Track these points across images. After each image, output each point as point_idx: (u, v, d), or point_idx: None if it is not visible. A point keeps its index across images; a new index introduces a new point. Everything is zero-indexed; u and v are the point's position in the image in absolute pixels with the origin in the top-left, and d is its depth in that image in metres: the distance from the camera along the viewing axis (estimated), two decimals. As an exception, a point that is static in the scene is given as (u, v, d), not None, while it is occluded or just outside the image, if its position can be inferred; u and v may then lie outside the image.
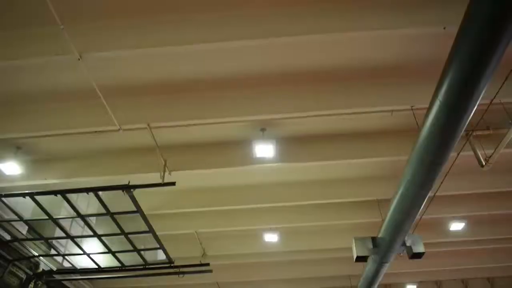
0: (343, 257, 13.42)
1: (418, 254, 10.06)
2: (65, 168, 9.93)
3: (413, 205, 8.00)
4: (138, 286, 16.42)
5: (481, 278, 17.71)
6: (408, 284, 17.68)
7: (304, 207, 11.95)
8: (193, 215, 12.06)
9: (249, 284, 16.94)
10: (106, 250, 10.95)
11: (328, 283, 16.67)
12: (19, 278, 12.09)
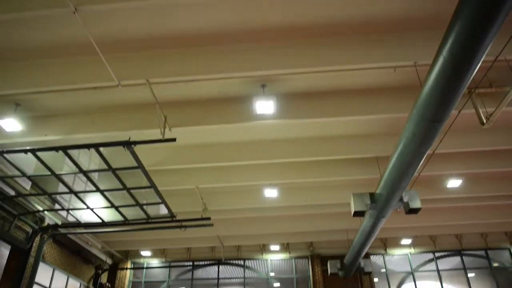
0: (341, 212, 13.74)
1: (415, 209, 10.28)
2: (65, 124, 9.92)
3: (411, 162, 8.07)
4: (141, 240, 16.95)
5: (475, 233, 18.21)
6: (404, 239, 18.19)
7: (303, 163, 12.07)
8: (193, 171, 12.21)
9: (249, 237, 17.47)
10: (109, 205, 11.17)
11: (325, 236, 17.17)
12: (25, 232, 12.44)
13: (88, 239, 15.92)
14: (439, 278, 18.25)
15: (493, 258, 18.68)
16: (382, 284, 18.44)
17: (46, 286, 13.98)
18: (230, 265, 19.03)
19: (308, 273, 18.33)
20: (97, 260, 17.45)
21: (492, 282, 18.17)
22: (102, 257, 17.63)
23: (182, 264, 19.10)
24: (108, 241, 17.11)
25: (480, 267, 18.60)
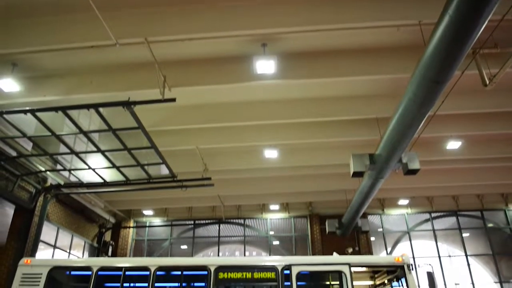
0: (340, 172, 13.87)
1: (413, 170, 10.40)
2: (63, 84, 9.83)
3: (412, 123, 8.08)
4: (143, 199, 17.23)
5: (471, 194, 18.49)
6: (401, 199, 18.51)
7: (303, 124, 12.06)
8: (194, 131, 12.22)
9: (249, 197, 17.76)
10: (110, 165, 11.26)
11: (324, 196, 17.46)
12: (28, 192, 12.62)
13: (91, 199, 16.18)
14: (434, 237, 18.72)
15: (488, 219, 19.09)
16: (378, 243, 18.95)
17: (52, 244, 14.35)
18: (230, 224, 19.48)
19: (306, 232, 18.81)
20: (100, 219, 17.82)
21: (486, 242, 18.66)
22: (105, 216, 18.00)
23: (183, 223, 19.54)
24: (111, 200, 17.40)
25: (475, 227, 19.05)
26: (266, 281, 7.57)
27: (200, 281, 8.03)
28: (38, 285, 7.74)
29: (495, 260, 18.22)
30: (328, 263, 7.52)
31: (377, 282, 9.37)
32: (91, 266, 7.91)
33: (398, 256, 7.43)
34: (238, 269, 7.66)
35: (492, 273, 18.67)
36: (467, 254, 18.32)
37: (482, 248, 18.88)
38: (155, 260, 10.85)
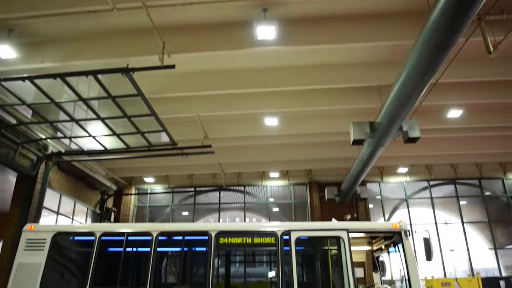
0: (340, 140, 13.89)
1: (413, 138, 10.40)
2: (61, 51, 9.69)
3: (414, 91, 8.01)
4: (144, 166, 17.35)
5: (470, 163, 18.59)
6: (400, 167, 18.63)
7: (304, 92, 11.98)
8: (194, 98, 12.15)
9: (249, 165, 17.87)
10: (110, 133, 11.26)
11: (324, 164, 17.58)
12: (30, 160, 12.69)
13: (92, 166, 16.29)
14: (431, 205, 18.98)
15: (486, 187, 19.29)
16: (376, 210, 19.24)
17: (55, 210, 14.58)
18: (231, 191, 19.71)
19: (306, 199, 19.06)
20: (102, 186, 18.01)
21: (483, 209, 18.94)
22: (107, 184, 18.18)
23: (184, 190, 19.77)
24: (112, 168, 17.53)
25: (473, 196, 19.28)
26: (266, 246, 7.72)
27: (201, 246, 8.20)
28: (42, 250, 7.89)
29: (491, 227, 18.56)
30: (326, 229, 7.65)
31: (374, 247, 9.56)
32: (94, 232, 8.04)
33: (396, 223, 7.55)
34: (238, 234, 7.79)
35: (487, 240, 19.06)
36: (464, 222, 18.64)
37: (478, 215, 19.19)
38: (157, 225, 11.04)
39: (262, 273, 9.98)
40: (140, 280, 7.98)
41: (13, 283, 7.68)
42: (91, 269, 7.62)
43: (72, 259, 8.67)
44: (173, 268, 9.65)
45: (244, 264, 9.54)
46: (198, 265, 8.73)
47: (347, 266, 7.03)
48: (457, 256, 18.57)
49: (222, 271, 8.89)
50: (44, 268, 7.72)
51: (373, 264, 9.95)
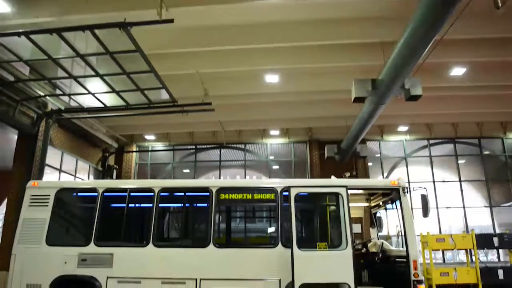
0: (341, 98, 13.78)
1: (415, 96, 10.35)
2: (56, 5, 9.40)
3: (418, 47, 7.87)
4: (144, 124, 17.37)
5: (470, 122, 18.55)
6: (400, 126, 18.62)
7: (306, 48, 11.75)
8: (193, 55, 11.93)
9: (249, 122, 17.86)
10: (110, 90, 11.18)
11: (324, 122, 17.55)
12: (30, 117, 12.68)
13: (92, 124, 16.29)
14: (430, 163, 19.15)
15: (485, 147, 19.37)
16: (375, 168, 19.43)
17: (57, 168, 14.74)
18: (231, 148, 19.82)
19: (305, 157, 19.20)
20: (103, 144, 18.10)
21: (481, 168, 19.11)
22: (108, 141, 18.25)
23: (185, 148, 19.89)
24: (113, 125, 17.53)
25: (471, 154, 19.41)
26: (266, 201, 7.88)
27: (202, 202, 8.35)
28: (47, 206, 8.06)
29: (488, 186, 18.82)
30: (326, 185, 7.77)
31: (372, 204, 9.77)
32: (97, 188, 8.18)
33: (394, 180, 7.66)
34: (239, 190, 7.92)
35: (484, 198, 19.39)
36: (461, 180, 18.88)
37: (476, 174, 19.41)
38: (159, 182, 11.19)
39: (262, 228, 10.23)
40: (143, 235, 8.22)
41: (19, 238, 7.91)
42: (95, 225, 7.81)
43: (76, 215, 8.88)
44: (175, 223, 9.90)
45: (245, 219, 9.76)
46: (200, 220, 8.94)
47: (345, 222, 7.21)
48: (453, 214, 18.97)
49: (223, 226, 9.12)
50: (49, 223, 7.91)
51: (371, 220, 10.21)
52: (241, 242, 9.53)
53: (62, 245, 7.85)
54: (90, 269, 7.51)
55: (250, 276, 7.19)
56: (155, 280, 7.32)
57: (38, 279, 7.53)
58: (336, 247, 7.20)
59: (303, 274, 6.79)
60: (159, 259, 7.50)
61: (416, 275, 6.92)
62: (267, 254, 7.35)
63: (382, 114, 12.11)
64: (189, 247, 7.89)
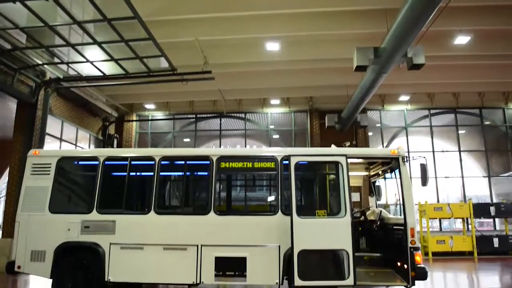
0: (343, 67, 13.65)
1: (418, 65, 10.23)
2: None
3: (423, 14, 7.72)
4: (144, 93, 17.26)
5: (472, 92, 18.44)
6: (402, 95, 18.51)
7: (307, 15, 11.53)
8: (193, 22, 11.70)
9: (250, 91, 17.74)
10: (108, 58, 11.04)
11: (325, 91, 17.44)
12: (29, 86, 12.59)
13: (92, 93, 16.19)
14: (430, 133, 19.16)
15: (486, 117, 19.36)
16: (375, 138, 19.47)
17: (58, 137, 14.76)
18: (231, 117, 19.78)
19: (306, 126, 19.20)
20: (103, 113, 18.06)
21: (481, 139, 19.17)
22: (107, 110, 18.21)
23: (185, 117, 19.85)
24: (112, 94, 17.43)
25: (472, 125, 19.40)
26: (266, 170, 7.91)
27: (203, 171, 8.39)
28: (48, 174, 8.10)
29: (487, 156, 18.92)
30: (326, 154, 7.78)
31: (371, 173, 9.82)
32: (98, 156, 8.20)
33: (394, 149, 7.66)
34: (239, 159, 7.94)
35: (482, 168, 19.54)
36: (461, 150, 18.94)
37: (475, 144, 19.49)
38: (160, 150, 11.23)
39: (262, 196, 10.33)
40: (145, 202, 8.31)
41: (22, 206, 7.99)
42: (97, 193, 7.88)
43: (78, 183, 8.94)
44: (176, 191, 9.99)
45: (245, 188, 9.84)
46: (200, 189, 9.02)
47: (344, 190, 7.26)
48: (452, 183, 19.16)
49: (224, 194, 9.21)
50: (51, 191, 7.98)
51: (369, 188, 10.30)
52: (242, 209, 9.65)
53: (65, 213, 7.94)
54: (93, 235, 7.63)
55: (250, 242, 7.31)
56: (157, 246, 7.46)
57: (43, 246, 7.66)
58: (335, 215, 7.29)
59: (302, 240, 6.91)
60: (161, 226, 7.61)
61: (413, 242, 7.02)
62: (267, 221, 7.46)
63: (384, 83, 12.01)
64: (190, 214, 7.99)
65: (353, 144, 17.84)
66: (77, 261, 7.65)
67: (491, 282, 10.87)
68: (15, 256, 7.74)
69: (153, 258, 7.42)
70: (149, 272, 7.43)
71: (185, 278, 7.36)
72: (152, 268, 7.42)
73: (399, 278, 7.36)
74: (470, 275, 11.97)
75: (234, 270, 7.33)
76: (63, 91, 14.54)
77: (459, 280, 11.38)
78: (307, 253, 6.90)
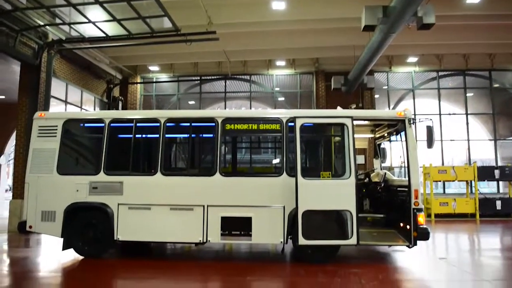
0: (350, 27, 13.32)
1: (428, 25, 9.97)
2: None
3: (434, -30, 7.40)
4: (148, 54, 17.04)
5: (482, 53, 18.00)
6: (410, 57, 18.13)
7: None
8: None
9: (255, 52, 17.43)
10: (111, 18, 10.82)
11: (332, 52, 17.10)
12: (31, 48, 12.45)
13: (95, 55, 16.00)
14: (438, 96, 18.91)
15: (495, 79, 19.00)
16: (382, 100, 19.27)
17: (63, 99, 14.75)
18: (236, 79, 19.57)
19: (312, 88, 18.96)
20: (107, 75, 17.92)
21: (488, 102, 18.92)
22: (111, 72, 18.05)
23: (190, 79, 19.66)
24: (116, 56, 17.22)
25: (480, 87, 19.09)
26: (271, 132, 7.92)
27: (208, 132, 8.43)
28: (55, 136, 8.16)
29: (494, 119, 18.75)
30: (331, 116, 7.74)
31: (376, 135, 9.81)
32: (103, 118, 8.22)
33: (400, 111, 7.60)
34: (245, 120, 7.93)
35: (489, 132, 19.42)
36: (468, 113, 18.75)
37: (483, 107, 19.28)
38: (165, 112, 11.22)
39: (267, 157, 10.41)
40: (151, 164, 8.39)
41: (31, 167, 8.11)
42: (103, 154, 7.96)
43: (84, 145, 9.03)
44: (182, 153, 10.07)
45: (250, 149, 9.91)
46: (206, 150, 9.08)
47: (349, 152, 7.27)
48: (457, 147, 19.12)
49: (229, 155, 9.28)
50: (59, 153, 8.07)
51: (374, 151, 10.32)
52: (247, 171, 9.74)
53: (73, 174, 8.07)
54: (102, 196, 7.79)
55: (255, 203, 7.44)
56: (164, 207, 7.61)
57: (52, 206, 7.85)
58: (340, 176, 7.35)
59: (306, 201, 7.02)
60: (167, 187, 7.73)
61: (417, 203, 7.10)
62: (272, 182, 7.54)
63: (392, 44, 11.73)
64: (196, 176, 8.09)
65: (359, 106, 17.68)
66: (87, 221, 7.86)
67: (491, 243, 11.06)
68: (26, 217, 7.96)
69: (161, 218, 7.59)
70: (157, 231, 7.63)
71: (192, 237, 7.56)
72: (159, 227, 7.60)
73: (401, 238, 7.51)
74: (471, 236, 12.18)
75: (240, 230, 7.51)
76: (66, 53, 14.38)
77: (460, 241, 11.59)
78: (311, 214, 7.02)
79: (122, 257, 8.47)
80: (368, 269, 7.13)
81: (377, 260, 8.05)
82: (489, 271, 7.30)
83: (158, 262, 7.98)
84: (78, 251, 7.91)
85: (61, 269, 7.40)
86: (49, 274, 7.17)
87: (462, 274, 7.11)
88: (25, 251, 9.73)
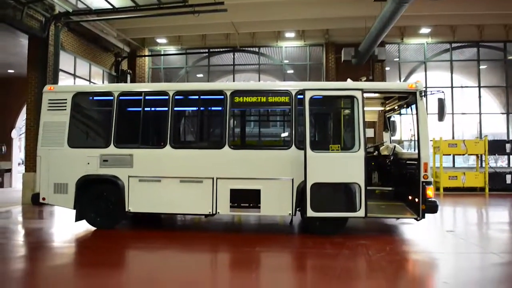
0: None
1: (442, -6, 9.63)
2: None
3: None
4: (156, 26, 16.85)
5: (497, 24, 17.43)
6: (423, 28, 17.66)
7: None
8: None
9: (264, 24, 17.09)
10: (117, -11, 10.68)
11: (342, 24, 16.70)
12: (38, 21, 12.37)
13: (103, 27, 15.86)
14: (450, 68, 18.52)
15: (510, 51, 18.44)
16: (393, 73, 18.94)
17: (71, 73, 14.75)
18: (245, 52, 19.29)
19: (321, 61, 18.64)
20: (115, 48, 17.80)
21: (502, 74, 18.48)
22: (119, 45, 17.92)
23: (198, 51, 19.44)
24: (123, 29, 17.04)
25: (494, 59, 18.61)
26: (280, 104, 7.86)
27: (217, 106, 8.40)
28: (65, 109, 8.20)
29: (507, 92, 18.39)
30: (341, 88, 7.65)
31: (387, 108, 9.69)
32: (112, 91, 8.22)
33: (412, 83, 7.47)
34: (253, 93, 7.88)
35: (501, 105, 19.09)
36: (480, 86, 18.38)
37: (496, 80, 18.87)
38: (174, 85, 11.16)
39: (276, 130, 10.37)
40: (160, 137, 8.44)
41: (42, 140, 8.21)
42: (113, 127, 8.01)
43: (94, 118, 9.08)
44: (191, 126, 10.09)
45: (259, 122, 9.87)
46: (214, 123, 9.08)
47: (359, 125, 7.21)
48: (468, 120, 18.85)
49: (238, 128, 9.27)
50: (69, 126, 8.13)
51: (384, 124, 10.23)
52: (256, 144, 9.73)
53: (84, 147, 8.16)
54: (112, 169, 7.89)
55: (264, 175, 7.48)
56: (174, 179, 7.70)
57: (64, 179, 7.98)
58: (349, 149, 7.33)
59: (315, 174, 7.03)
60: (177, 160, 7.79)
61: (426, 176, 7.07)
62: (281, 155, 7.55)
63: (404, 14, 11.43)
64: (205, 148, 8.13)
65: (370, 79, 17.42)
66: (98, 192, 7.99)
67: (499, 216, 11.07)
68: (39, 189, 8.11)
69: (171, 190, 7.69)
70: (167, 203, 7.74)
71: (201, 209, 7.66)
72: (169, 199, 7.71)
73: (409, 211, 7.53)
74: (479, 210, 12.18)
75: (249, 202, 7.58)
76: (74, 26, 14.26)
77: (468, 214, 11.61)
78: (320, 186, 7.05)
79: (133, 228, 8.65)
80: (376, 241, 7.19)
81: (384, 233, 8.12)
82: (496, 244, 7.33)
83: (169, 233, 8.16)
84: (91, 222, 8.09)
85: (74, 240, 7.59)
86: (63, 244, 7.37)
87: (469, 247, 7.14)
88: (39, 222, 9.98)
